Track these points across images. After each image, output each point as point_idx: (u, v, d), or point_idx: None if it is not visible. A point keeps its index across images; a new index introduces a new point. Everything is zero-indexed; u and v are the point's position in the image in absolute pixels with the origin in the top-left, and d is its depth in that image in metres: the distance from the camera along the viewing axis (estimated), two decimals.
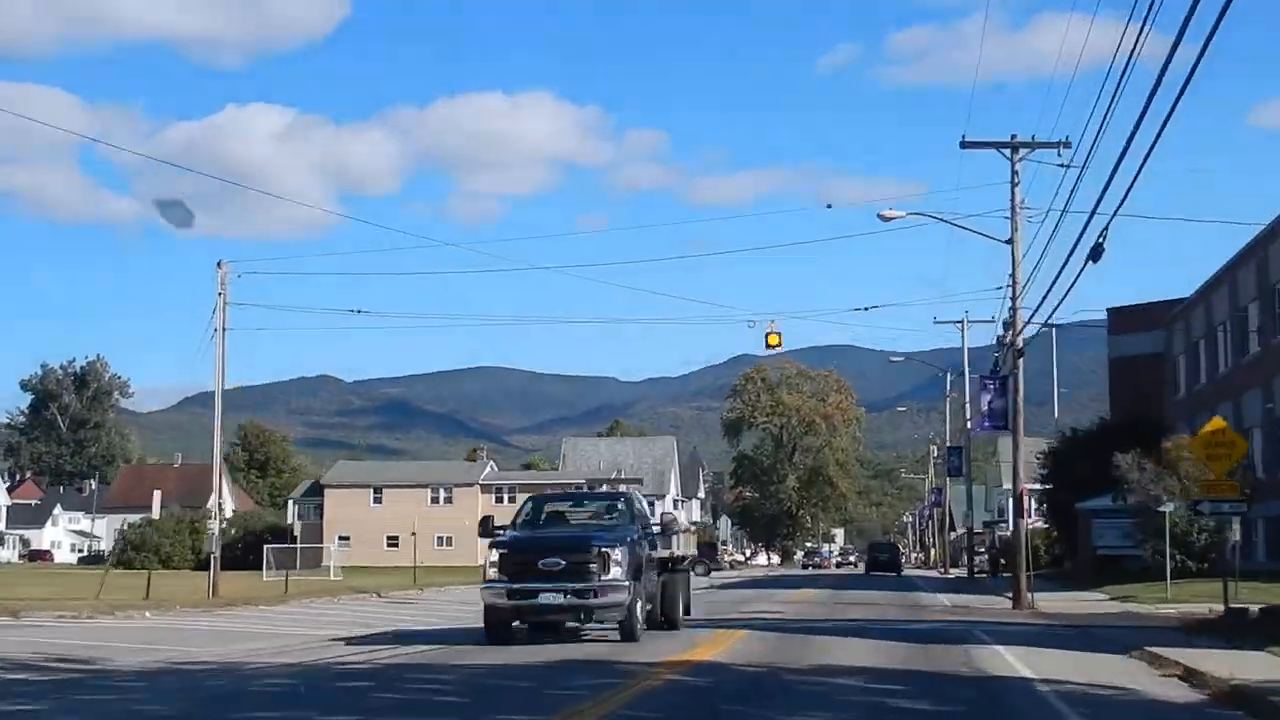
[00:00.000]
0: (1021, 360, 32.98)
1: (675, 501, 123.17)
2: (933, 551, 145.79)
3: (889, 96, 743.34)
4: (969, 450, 74.19)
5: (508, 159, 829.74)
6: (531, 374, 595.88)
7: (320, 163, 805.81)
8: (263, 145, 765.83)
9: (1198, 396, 52.45)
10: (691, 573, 35.60)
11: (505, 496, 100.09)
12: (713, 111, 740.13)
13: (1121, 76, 18.00)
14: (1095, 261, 22.16)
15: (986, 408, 38.50)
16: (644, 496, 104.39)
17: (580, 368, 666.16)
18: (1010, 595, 36.10)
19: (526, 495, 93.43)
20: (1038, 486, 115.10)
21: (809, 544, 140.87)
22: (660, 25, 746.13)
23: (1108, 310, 63.97)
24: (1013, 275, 33.03)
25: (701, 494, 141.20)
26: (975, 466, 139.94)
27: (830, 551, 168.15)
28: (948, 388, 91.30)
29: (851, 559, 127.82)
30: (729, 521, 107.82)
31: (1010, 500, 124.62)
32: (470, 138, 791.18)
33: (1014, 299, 32.71)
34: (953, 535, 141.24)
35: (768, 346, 36.03)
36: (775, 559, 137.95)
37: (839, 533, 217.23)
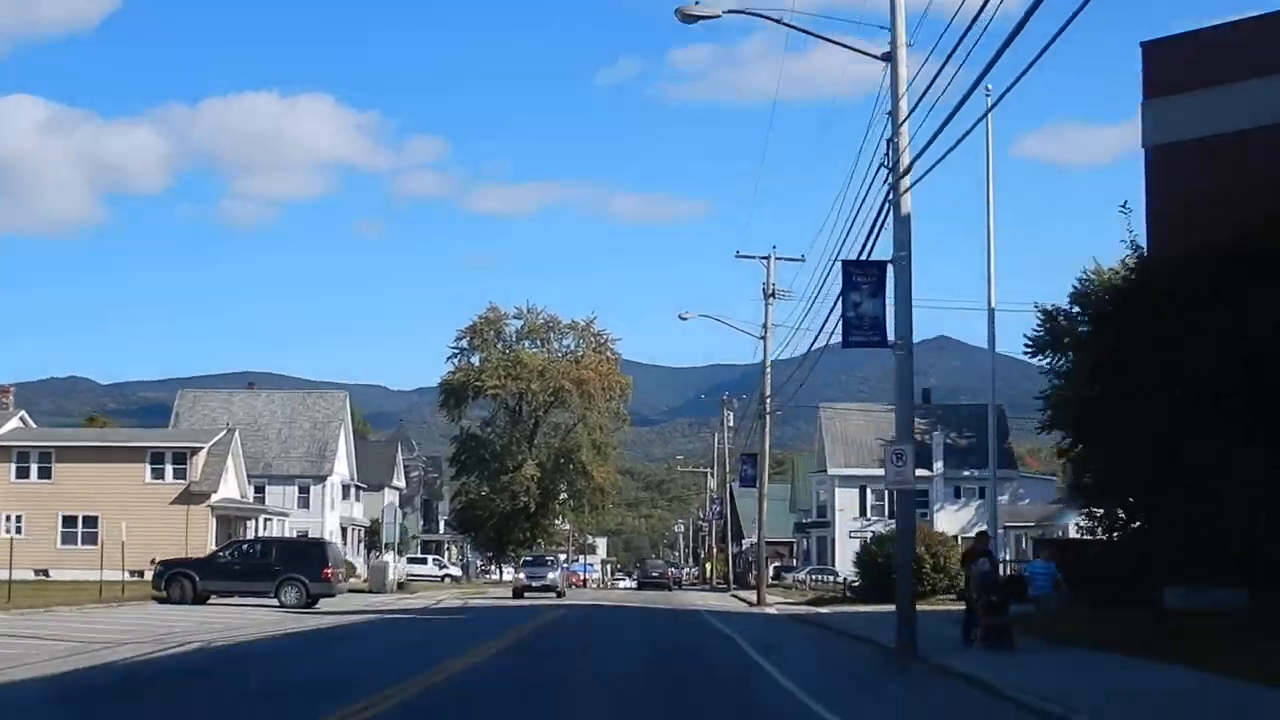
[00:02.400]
0: None
1: (347, 487, 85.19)
2: (709, 566, 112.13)
3: (670, 113, 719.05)
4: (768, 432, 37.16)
5: (284, 162, 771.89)
6: (299, 380, 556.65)
7: (84, 158, 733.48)
8: (23, 138, 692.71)
9: None
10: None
11: (35, 466, 61.17)
12: (496, 121, 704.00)
13: None
14: None
15: (853, 312, 23.42)
16: (293, 478, 63.89)
17: (349, 375, 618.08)
18: None
19: (70, 462, 52.04)
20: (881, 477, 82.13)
21: (527, 555, 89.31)
22: (443, 36, 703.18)
23: (1141, 46, 30.14)
24: None
25: (401, 482, 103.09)
26: (772, 466, 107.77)
27: (587, 565, 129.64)
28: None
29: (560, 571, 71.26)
30: (398, 511, 69.64)
31: (834, 493, 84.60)
32: (244, 139, 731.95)
33: None
34: (743, 545, 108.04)
35: None
36: (509, 574, 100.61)
37: (601, 543, 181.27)
